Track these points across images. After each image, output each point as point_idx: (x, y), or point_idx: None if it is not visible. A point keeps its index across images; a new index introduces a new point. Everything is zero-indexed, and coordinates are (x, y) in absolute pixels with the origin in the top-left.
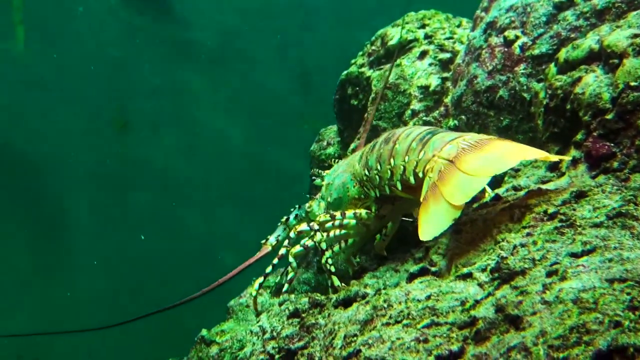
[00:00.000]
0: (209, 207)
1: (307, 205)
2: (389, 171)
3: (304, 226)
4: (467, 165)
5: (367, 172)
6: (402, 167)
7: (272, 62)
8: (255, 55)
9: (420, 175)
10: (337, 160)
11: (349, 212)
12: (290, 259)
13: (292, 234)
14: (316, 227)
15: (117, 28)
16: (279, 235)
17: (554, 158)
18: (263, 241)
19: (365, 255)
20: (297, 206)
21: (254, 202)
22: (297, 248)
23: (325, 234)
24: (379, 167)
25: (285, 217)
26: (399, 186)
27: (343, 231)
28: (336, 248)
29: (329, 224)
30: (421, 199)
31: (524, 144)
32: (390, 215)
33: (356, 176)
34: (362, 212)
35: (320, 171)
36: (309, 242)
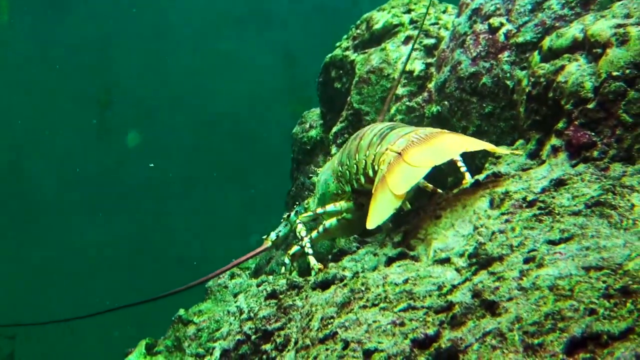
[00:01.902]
0: (191, 187)
1: (305, 202)
2: (355, 165)
3: (295, 248)
4: (411, 157)
5: (340, 168)
6: (363, 162)
7: (255, 45)
8: (239, 38)
9: (376, 167)
10: (329, 157)
11: (329, 205)
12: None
13: (286, 260)
14: (298, 221)
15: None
16: (279, 231)
17: (503, 151)
18: (265, 236)
19: (345, 238)
20: (297, 203)
21: (236, 182)
22: (295, 248)
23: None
24: (348, 162)
25: (287, 214)
26: (362, 179)
27: (326, 224)
28: (314, 234)
29: (312, 219)
30: (372, 191)
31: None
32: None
33: (334, 172)
34: (342, 202)
35: (315, 169)
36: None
